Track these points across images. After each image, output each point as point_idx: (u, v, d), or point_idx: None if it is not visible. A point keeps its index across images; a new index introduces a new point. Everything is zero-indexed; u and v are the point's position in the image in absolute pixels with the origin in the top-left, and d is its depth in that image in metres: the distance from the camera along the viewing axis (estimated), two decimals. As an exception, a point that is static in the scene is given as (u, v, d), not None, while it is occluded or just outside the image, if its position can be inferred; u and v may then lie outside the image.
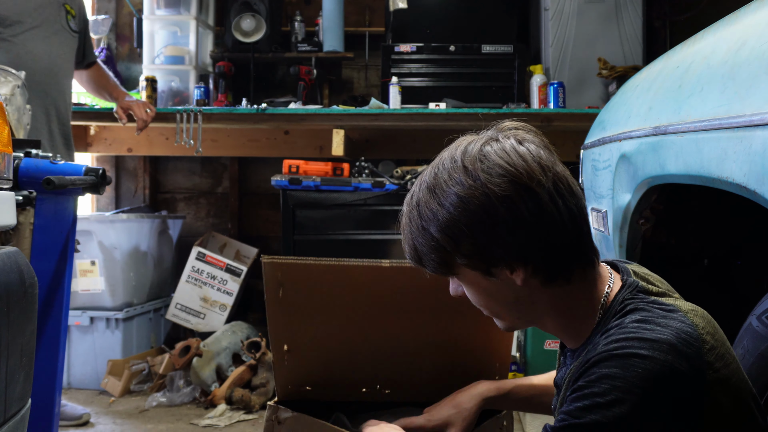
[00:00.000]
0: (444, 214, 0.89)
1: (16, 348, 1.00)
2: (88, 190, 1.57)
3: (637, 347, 0.78)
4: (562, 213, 0.88)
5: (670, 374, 0.77)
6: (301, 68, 3.42)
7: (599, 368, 0.80)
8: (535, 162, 0.88)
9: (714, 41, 1.06)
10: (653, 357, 0.77)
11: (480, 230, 0.88)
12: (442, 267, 0.94)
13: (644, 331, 0.80)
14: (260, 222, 3.87)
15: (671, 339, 0.79)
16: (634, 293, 0.91)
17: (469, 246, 0.89)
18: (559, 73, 3.28)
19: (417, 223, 0.93)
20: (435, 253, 0.93)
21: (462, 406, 1.20)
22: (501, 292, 0.93)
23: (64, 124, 2.65)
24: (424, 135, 3.53)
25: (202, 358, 2.86)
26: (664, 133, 1.11)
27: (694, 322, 0.82)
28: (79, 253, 2.89)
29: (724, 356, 0.82)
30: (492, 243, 0.88)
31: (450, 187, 0.89)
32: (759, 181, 0.81)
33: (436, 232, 0.90)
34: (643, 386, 0.76)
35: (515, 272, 0.90)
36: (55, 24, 2.62)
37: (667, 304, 0.86)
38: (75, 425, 2.58)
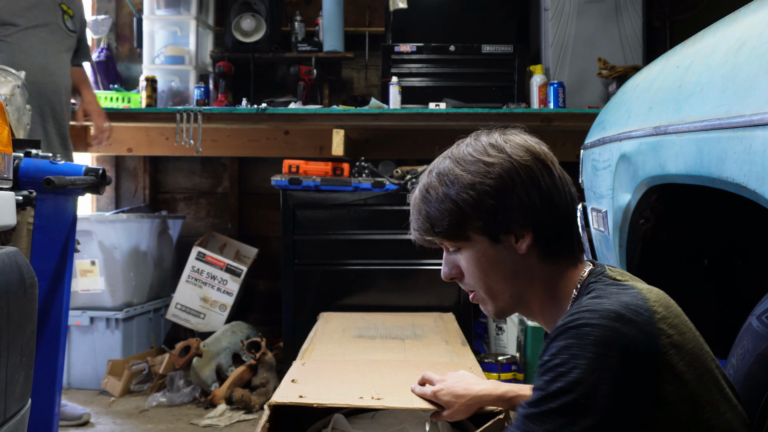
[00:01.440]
0: (469, 177, 1.00)
1: (16, 348, 1.00)
2: (88, 190, 1.57)
3: (587, 317, 0.86)
4: (566, 195, 1.02)
5: (618, 338, 0.84)
6: (301, 68, 3.42)
7: (557, 341, 0.87)
8: (547, 152, 1.04)
9: (714, 41, 1.06)
10: (601, 324, 0.84)
11: (502, 192, 0.98)
12: (454, 231, 1.02)
13: (595, 304, 0.88)
14: (260, 222, 3.87)
15: (619, 309, 0.86)
16: (597, 277, 1.00)
17: (489, 207, 0.99)
18: (559, 73, 3.28)
19: (437, 190, 1.02)
20: (450, 216, 1.01)
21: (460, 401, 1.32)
22: (503, 262, 1.02)
23: (60, 124, 2.65)
24: (424, 135, 3.53)
25: (202, 358, 2.86)
26: (664, 133, 1.11)
27: (645, 297, 0.90)
28: (79, 253, 2.90)
29: (678, 326, 0.89)
30: (510, 205, 0.98)
31: (476, 157, 1.01)
32: (759, 181, 0.81)
33: (456, 195, 1.00)
34: (596, 350, 0.83)
35: (521, 239, 1.00)
36: (50, 24, 2.62)
37: (623, 284, 0.95)
38: (75, 425, 2.58)
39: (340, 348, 1.96)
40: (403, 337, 2.11)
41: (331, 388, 1.47)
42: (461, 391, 1.34)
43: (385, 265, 2.88)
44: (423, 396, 1.39)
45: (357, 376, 1.58)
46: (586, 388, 0.83)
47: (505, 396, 1.31)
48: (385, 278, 2.87)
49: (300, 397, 1.37)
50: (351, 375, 1.59)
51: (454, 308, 2.79)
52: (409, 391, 1.41)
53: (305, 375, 1.57)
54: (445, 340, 2.07)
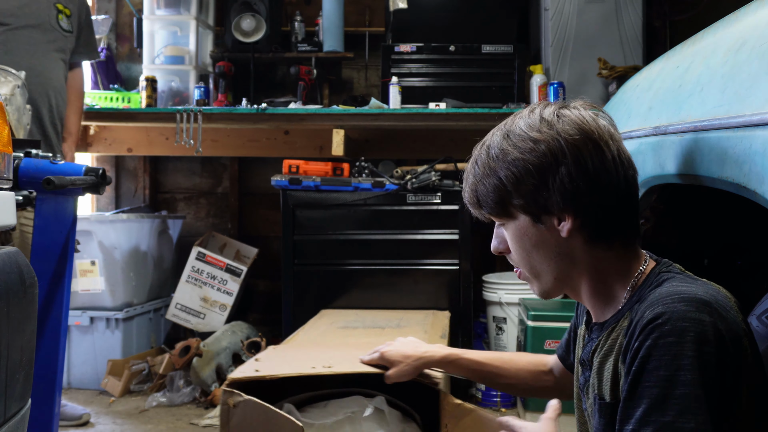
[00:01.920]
0: (515, 153, 0.96)
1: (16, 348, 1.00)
2: (88, 190, 1.57)
3: (682, 310, 0.81)
4: (620, 178, 0.95)
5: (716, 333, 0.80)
6: (301, 68, 3.42)
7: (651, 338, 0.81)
8: (606, 130, 0.96)
9: (714, 41, 1.06)
10: (700, 319, 0.80)
11: (544, 171, 0.94)
12: (498, 208, 0.99)
13: (688, 292, 0.84)
14: (260, 222, 3.87)
15: (712, 301, 0.82)
16: (669, 268, 0.96)
17: (529, 186, 0.95)
18: (559, 73, 3.28)
19: (484, 163, 0.99)
20: (495, 193, 0.98)
21: (407, 361, 1.38)
22: (545, 243, 0.98)
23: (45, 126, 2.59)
24: (424, 135, 3.53)
25: (202, 358, 2.86)
26: (664, 133, 1.11)
27: (725, 293, 0.88)
28: (79, 253, 2.89)
29: (743, 320, 0.86)
30: (552, 186, 0.94)
31: (526, 132, 0.96)
32: (759, 181, 0.81)
33: (502, 169, 0.97)
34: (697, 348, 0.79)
35: (563, 221, 0.95)
36: (42, 23, 2.58)
37: (699, 279, 0.92)
38: (75, 425, 2.58)
39: (320, 336, 2.00)
40: (384, 327, 2.14)
41: (290, 363, 1.51)
42: (409, 351, 1.39)
43: (385, 265, 2.88)
44: (371, 361, 1.42)
45: (318, 353, 1.63)
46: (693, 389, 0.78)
47: (448, 358, 1.35)
48: (385, 278, 2.87)
49: (256, 371, 1.40)
50: (313, 353, 1.65)
51: (454, 308, 2.79)
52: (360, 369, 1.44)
53: (271, 356, 1.62)
54: (425, 331, 2.12)
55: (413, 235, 2.87)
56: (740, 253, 1.38)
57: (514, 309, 2.89)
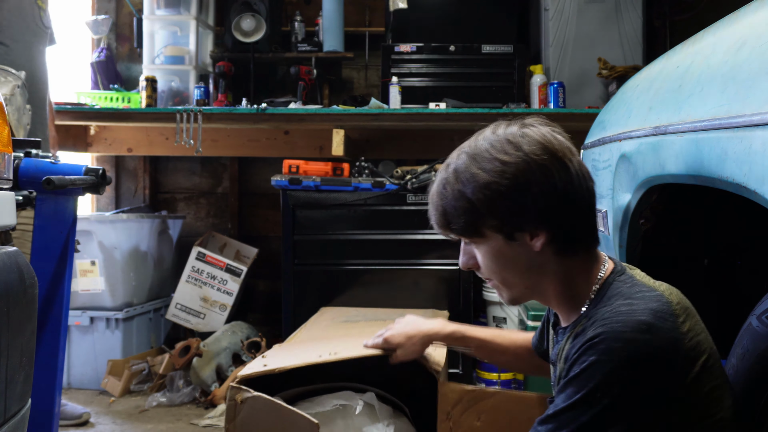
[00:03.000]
0: (484, 176, 0.99)
1: (16, 348, 1.00)
2: (88, 190, 1.56)
3: (619, 330, 0.89)
4: (583, 191, 1.01)
5: (649, 351, 0.87)
6: (301, 68, 3.42)
7: (587, 355, 0.90)
8: (566, 146, 1.02)
9: (714, 41, 1.06)
10: (633, 339, 0.87)
11: (517, 193, 0.98)
12: (470, 229, 1.03)
13: (627, 313, 0.91)
14: (260, 222, 3.87)
15: (649, 318, 0.89)
16: (621, 276, 1.02)
17: (503, 207, 0.99)
18: (559, 73, 3.28)
19: (452, 187, 1.02)
20: (466, 215, 1.02)
21: (412, 341, 1.41)
22: (518, 258, 1.03)
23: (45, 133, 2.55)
24: (424, 135, 3.53)
25: (202, 358, 2.86)
26: (664, 133, 1.11)
27: (668, 299, 0.93)
28: (79, 253, 2.88)
29: (695, 327, 0.93)
30: (525, 206, 0.98)
31: (492, 155, 0.99)
32: (759, 181, 0.81)
33: (472, 194, 1.00)
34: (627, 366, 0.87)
35: (536, 237, 1.00)
36: (31, 25, 2.52)
37: (644, 284, 0.98)
38: (75, 425, 2.58)
39: (323, 330, 2.00)
40: (385, 319, 2.15)
41: (297, 355, 1.51)
42: (412, 331, 1.42)
43: (385, 265, 2.88)
44: (375, 346, 1.44)
45: (323, 344, 1.64)
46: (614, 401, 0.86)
47: (454, 335, 1.39)
48: (385, 278, 2.87)
49: (264, 366, 1.40)
50: (319, 344, 1.66)
51: (453, 308, 2.79)
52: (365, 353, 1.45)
53: (277, 352, 1.62)
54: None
55: (413, 235, 2.87)
56: (740, 253, 1.38)
57: (514, 309, 2.89)
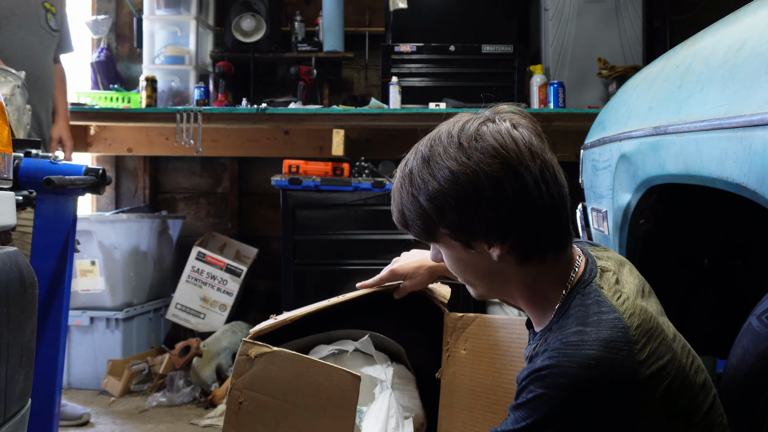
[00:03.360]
0: (434, 185, 0.94)
1: (16, 348, 1.00)
2: (88, 190, 1.57)
3: (566, 365, 0.85)
4: (543, 198, 0.92)
5: (596, 386, 0.84)
6: (301, 68, 3.42)
7: (534, 386, 0.87)
8: (526, 147, 0.92)
9: (714, 41, 1.06)
10: (579, 375, 0.84)
11: (465, 205, 0.93)
12: (426, 234, 1.00)
13: (576, 346, 0.86)
14: (260, 222, 3.87)
15: (598, 352, 0.85)
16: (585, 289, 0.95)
17: (453, 218, 0.94)
18: (559, 73, 3.28)
19: (407, 190, 0.98)
20: (420, 220, 0.98)
21: (419, 271, 1.41)
22: (477, 264, 0.99)
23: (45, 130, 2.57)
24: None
25: (202, 358, 2.86)
26: (664, 133, 1.11)
27: (626, 324, 0.88)
28: (79, 253, 2.88)
29: (657, 350, 0.88)
30: (475, 218, 0.93)
31: (444, 161, 0.94)
32: (759, 181, 0.81)
33: (424, 201, 0.96)
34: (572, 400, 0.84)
35: (492, 247, 0.95)
36: (33, 25, 2.54)
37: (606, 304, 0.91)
38: (75, 425, 2.58)
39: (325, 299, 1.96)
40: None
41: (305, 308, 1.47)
42: (419, 262, 1.41)
43: (385, 264, 2.87)
44: (382, 279, 1.43)
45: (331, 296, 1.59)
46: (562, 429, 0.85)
47: None
48: (385, 278, 2.87)
49: (274, 319, 1.36)
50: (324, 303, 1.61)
51: (453, 308, 2.79)
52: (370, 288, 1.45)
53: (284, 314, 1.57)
54: None
55: (413, 235, 2.86)
56: (740, 253, 1.38)
57: (514, 309, 2.89)
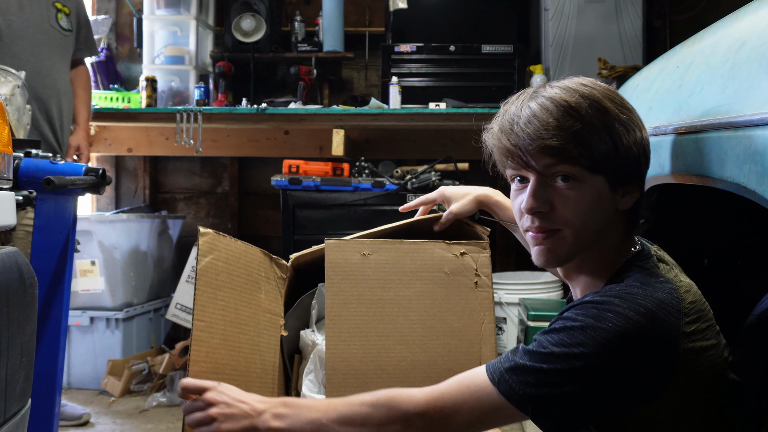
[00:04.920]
0: (623, 118, 0.94)
1: (16, 348, 1.00)
2: (88, 190, 1.57)
3: (616, 304, 0.86)
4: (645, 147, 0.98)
5: (639, 335, 0.84)
6: (301, 68, 3.42)
7: (577, 310, 0.88)
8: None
9: (714, 41, 1.06)
10: (628, 316, 0.85)
11: (641, 144, 0.96)
12: (594, 162, 0.93)
13: (632, 293, 0.88)
14: (260, 222, 3.87)
15: (652, 306, 0.86)
16: (643, 261, 0.96)
17: (633, 155, 0.95)
18: (559, 73, 3.27)
19: (594, 115, 0.92)
20: (601, 145, 0.92)
21: (467, 197, 1.42)
22: (606, 211, 0.96)
23: (55, 129, 2.58)
24: (424, 135, 3.53)
25: (202, 358, 2.85)
26: (664, 133, 1.11)
27: (681, 296, 0.89)
28: (79, 253, 2.89)
29: (704, 331, 0.89)
30: (641, 159, 0.97)
31: (621, 102, 0.96)
32: (759, 181, 0.81)
33: (617, 132, 0.93)
34: (611, 340, 0.84)
35: (629, 195, 0.97)
36: (42, 24, 2.55)
37: (662, 276, 0.93)
38: (75, 425, 2.58)
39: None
40: None
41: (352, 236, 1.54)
42: (467, 189, 1.43)
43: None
44: (427, 200, 1.48)
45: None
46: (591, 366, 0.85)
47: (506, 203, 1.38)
48: (385, 278, 2.87)
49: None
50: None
51: (454, 308, 2.79)
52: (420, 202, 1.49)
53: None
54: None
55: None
56: (740, 252, 1.38)
57: (514, 309, 2.89)
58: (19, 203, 1.34)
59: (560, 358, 0.86)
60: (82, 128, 2.80)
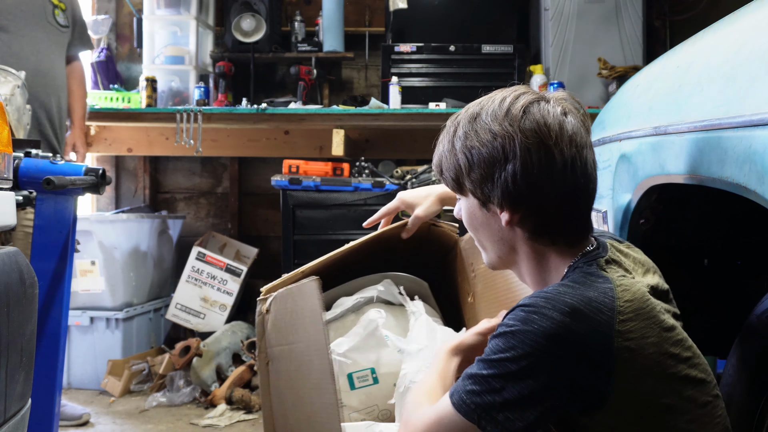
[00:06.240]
0: (473, 140, 0.99)
1: (16, 348, 1.00)
2: (88, 190, 1.57)
3: (541, 305, 0.86)
4: (566, 183, 0.95)
5: (566, 333, 0.84)
6: (301, 68, 3.42)
7: (510, 317, 0.89)
8: (568, 135, 0.95)
9: (714, 41, 1.06)
10: (551, 317, 0.85)
11: (491, 164, 0.97)
12: (454, 183, 1.04)
13: (556, 293, 0.88)
14: (260, 222, 3.87)
15: (577, 304, 0.86)
16: (586, 263, 0.96)
17: (478, 174, 0.99)
18: (559, 73, 3.28)
19: (449, 140, 1.03)
20: (453, 170, 1.03)
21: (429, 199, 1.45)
22: (491, 227, 1.03)
23: (56, 127, 2.58)
24: (424, 135, 3.50)
25: (202, 358, 2.86)
26: (664, 133, 1.11)
27: (616, 295, 0.88)
28: (79, 253, 2.89)
29: (643, 330, 0.87)
30: (497, 179, 0.97)
31: (488, 122, 0.98)
32: (759, 181, 0.81)
33: (459, 152, 1.01)
34: (540, 342, 0.84)
35: (504, 212, 0.99)
36: (40, 21, 2.53)
37: (602, 276, 0.92)
38: (75, 425, 2.58)
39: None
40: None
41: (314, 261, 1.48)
42: (427, 189, 1.46)
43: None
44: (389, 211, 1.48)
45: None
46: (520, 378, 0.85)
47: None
48: (385, 278, 2.87)
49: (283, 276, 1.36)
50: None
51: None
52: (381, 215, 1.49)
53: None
54: None
55: (413, 235, 2.86)
56: (740, 253, 1.38)
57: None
58: (19, 203, 1.34)
59: (497, 364, 0.87)
60: (77, 126, 2.78)
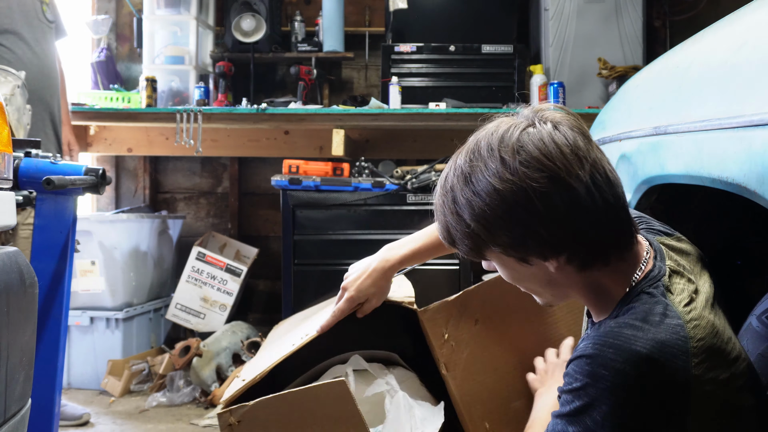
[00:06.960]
0: (479, 204, 0.88)
1: (16, 348, 1.00)
2: (88, 190, 1.57)
3: (611, 357, 0.81)
4: (597, 205, 0.86)
5: (643, 384, 0.79)
6: (301, 68, 3.42)
7: (576, 369, 0.84)
8: (572, 152, 0.86)
9: (714, 41, 1.06)
10: (623, 371, 0.79)
11: (515, 223, 0.87)
12: (475, 252, 0.94)
13: (625, 339, 0.81)
14: (260, 222, 3.87)
15: (651, 352, 0.79)
16: (650, 284, 0.90)
17: (503, 237, 0.88)
18: (559, 73, 3.28)
19: (451, 209, 0.92)
20: (469, 239, 0.92)
21: (379, 283, 1.35)
22: (536, 276, 0.93)
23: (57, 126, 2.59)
24: (424, 135, 3.53)
25: (202, 358, 2.86)
26: (664, 133, 1.11)
27: (688, 334, 0.82)
28: (79, 253, 2.88)
29: (715, 370, 0.82)
30: (527, 236, 0.87)
31: (486, 178, 0.88)
32: (759, 181, 0.81)
33: (470, 221, 0.90)
34: (614, 398, 0.79)
35: (549, 261, 0.90)
36: (34, 20, 2.53)
37: (671, 310, 0.85)
38: (75, 425, 2.58)
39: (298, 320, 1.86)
40: None
41: (270, 353, 1.43)
42: (367, 271, 1.35)
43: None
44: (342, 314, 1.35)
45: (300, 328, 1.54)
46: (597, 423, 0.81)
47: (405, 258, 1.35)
48: (385, 278, 2.86)
49: (242, 381, 1.30)
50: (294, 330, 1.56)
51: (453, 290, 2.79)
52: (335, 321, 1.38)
53: (250, 364, 1.52)
54: None
55: (413, 235, 2.86)
56: (740, 253, 1.38)
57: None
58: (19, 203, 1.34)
59: (575, 420, 0.83)
60: (65, 124, 2.76)
